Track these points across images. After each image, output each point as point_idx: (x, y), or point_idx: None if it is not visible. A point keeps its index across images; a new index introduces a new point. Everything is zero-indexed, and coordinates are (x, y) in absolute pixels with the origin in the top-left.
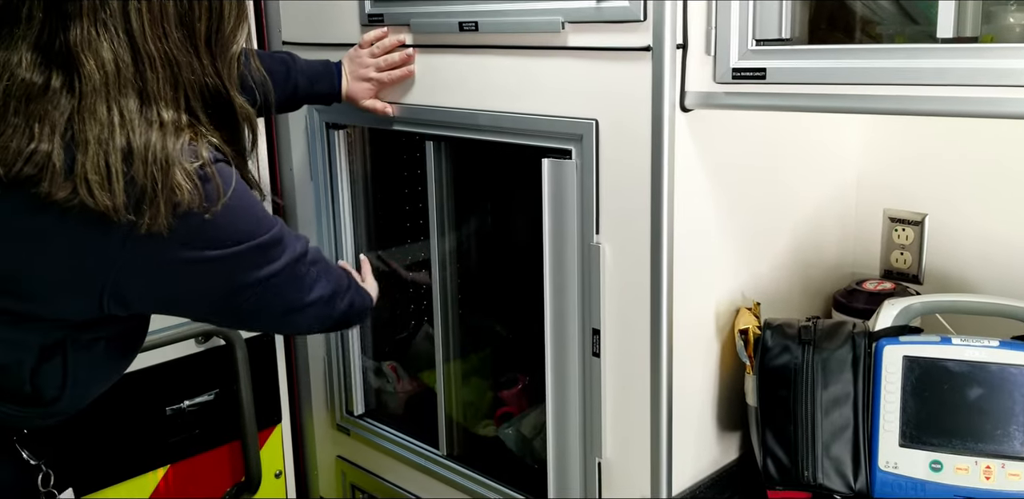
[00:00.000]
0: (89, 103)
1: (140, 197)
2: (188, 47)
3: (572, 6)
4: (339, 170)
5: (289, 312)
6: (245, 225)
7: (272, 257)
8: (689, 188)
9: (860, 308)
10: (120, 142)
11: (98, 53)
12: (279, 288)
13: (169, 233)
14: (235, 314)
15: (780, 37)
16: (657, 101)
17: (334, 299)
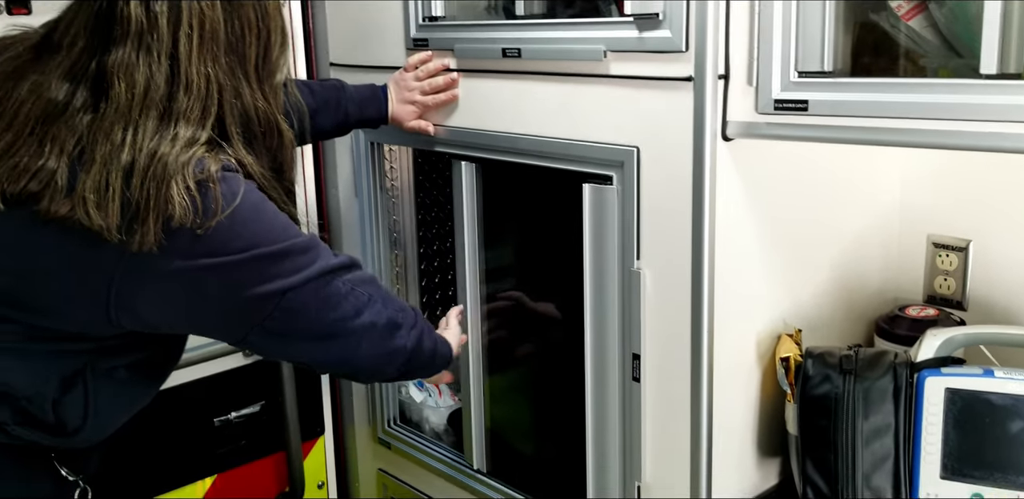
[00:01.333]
0: (107, 124)
1: (133, 216)
2: (238, 72)
3: (614, 35)
4: (384, 188)
5: (328, 337)
6: (251, 234)
7: (288, 269)
8: (730, 215)
9: (903, 335)
10: (124, 160)
11: (132, 76)
12: (303, 305)
13: (161, 249)
14: (267, 336)
15: (822, 69)
16: (698, 130)
17: (393, 331)
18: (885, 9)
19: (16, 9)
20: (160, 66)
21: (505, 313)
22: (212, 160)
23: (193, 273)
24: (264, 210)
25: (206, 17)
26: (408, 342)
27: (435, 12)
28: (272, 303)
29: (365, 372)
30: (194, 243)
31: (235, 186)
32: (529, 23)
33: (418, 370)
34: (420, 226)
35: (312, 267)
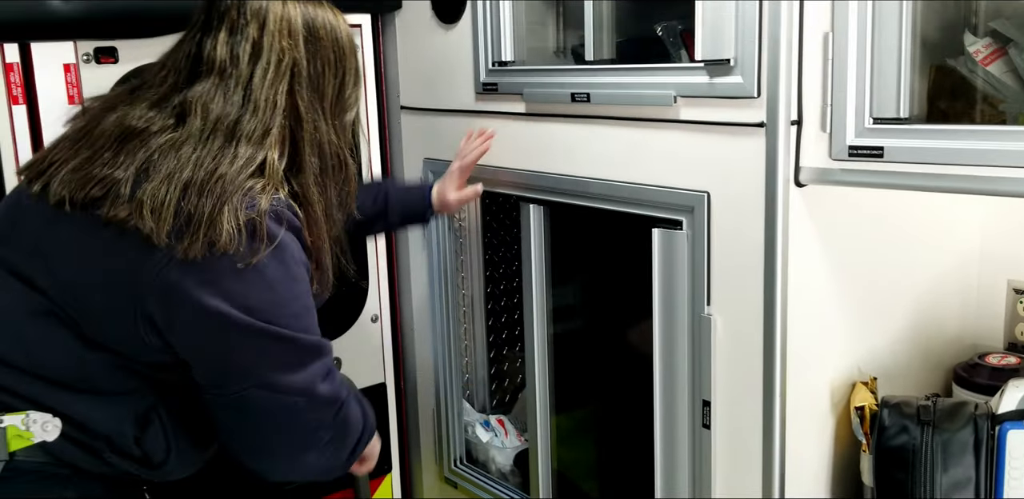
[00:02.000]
0: (178, 143)
1: (184, 224)
2: (316, 107)
3: (685, 81)
4: (452, 229)
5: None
6: (270, 302)
7: (284, 362)
8: (803, 261)
9: (983, 384)
10: (186, 175)
11: (207, 107)
12: (268, 406)
13: (199, 264)
14: (222, 404)
15: (898, 116)
16: (771, 176)
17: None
18: (963, 54)
19: (104, 58)
20: (234, 95)
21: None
22: (265, 196)
23: (203, 308)
24: (293, 289)
25: (286, 55)
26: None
27: (505, 57)
28: (244, 383)
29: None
30: (224, 277)
31: (276, 230)
32: (598, 68)
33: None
34: (487, 266)
35: (300, 376)
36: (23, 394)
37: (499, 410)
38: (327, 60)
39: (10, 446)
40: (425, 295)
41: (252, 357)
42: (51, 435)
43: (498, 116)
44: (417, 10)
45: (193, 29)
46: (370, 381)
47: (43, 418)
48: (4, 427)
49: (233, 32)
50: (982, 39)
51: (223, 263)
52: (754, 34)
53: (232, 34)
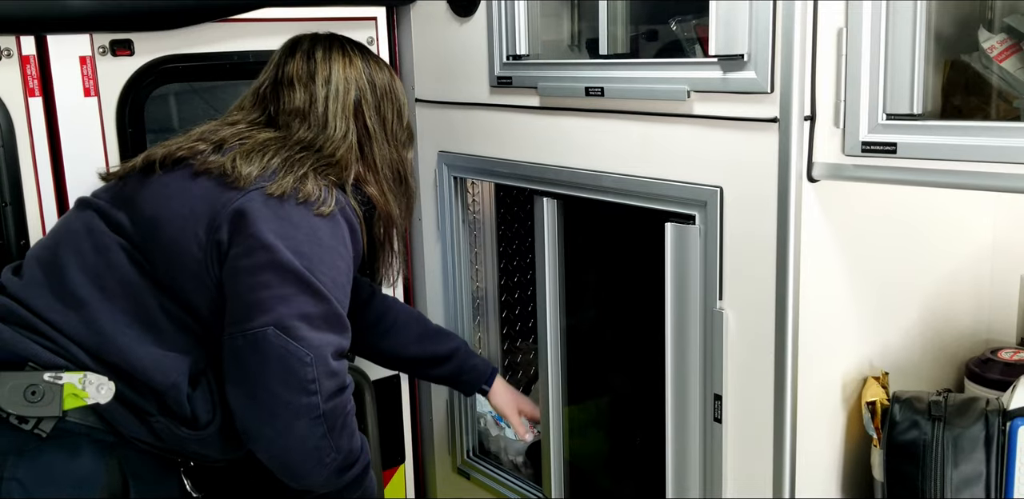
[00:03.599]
0: (259, 130)
1: (274, 172)
2: (379, 130)
3: (698, 76)
4: (466, 221)
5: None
6: (318, 256)
7: (308, 315)
8: (815, 256)
9: (995, 379)
10: (273, 147)
11: (287, 124)
12: (267, 344)
13: (277, 202)
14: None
15: (912, 112)
16: (783, 171)
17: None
18: (978, 49)
19: (120, 51)
20: (313, 123)
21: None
22: (332, 191)
23: (264, 239)
24: (339, 260)
25: (352, 93)
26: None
27: (519, 50)
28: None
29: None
30: (289, 222)
31: (336, 208)
32: (612, 63)
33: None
34: (501, 258)
35: (317, 335)
36: (88, 344)
37: None
38: (386, 96)
39: (64, 404)
40: (439, 287)
41: (283, 297)
42: (104, 397)
43: (512, 109)
44: (432, 3)
45: (273, 70)
46: (384, 373)
47: (99, 380)
48: (62, 384)
49: (313, 77)
50: (997, 35)
51: (293, 210)
52: (768, 29)
53: (312, 78)
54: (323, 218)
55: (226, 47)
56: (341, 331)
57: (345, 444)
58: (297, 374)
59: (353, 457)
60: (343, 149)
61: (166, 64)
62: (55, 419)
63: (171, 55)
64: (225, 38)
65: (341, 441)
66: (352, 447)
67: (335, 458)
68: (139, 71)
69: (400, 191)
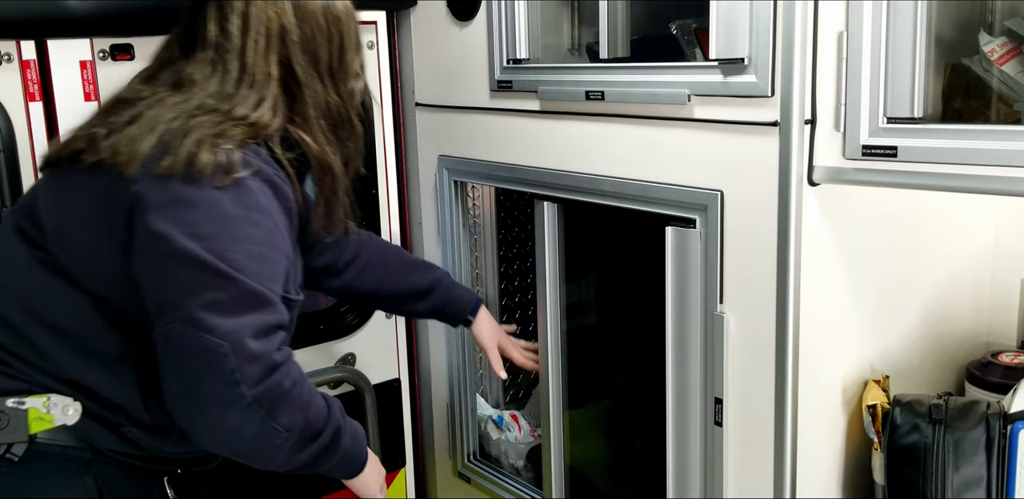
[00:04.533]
0: (167, 103)
1: (161, 152)
2: (311, 71)
3: (699, 79)
4: (466, 226)
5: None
6: (220, 235)
7: (215, 301)
8: (816, 260)
9: (996, 382)
10: (167, 116)
11: (200, 78)
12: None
13: (165, 184)
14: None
15: (912, 116)
16: (784, 175)
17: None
18: (978, 53)
19: (120, 55)
20: (230, 68)
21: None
22: (233, 141)
23: (155, 229)
24: (247, 219)
25: (274, 24)
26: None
27: (520, 55)
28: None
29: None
30: (181, 204)
31: (242, 172)
32: (612, 66)
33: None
34: (501, 262)
35: (229, 321)
36: (40, 365)
37: (513, 405)
38: (317, 25)
39: (31, 428)
40: None
41: (187, 288)
42: (71, 419)
43: (513, 113)
44: (432, 7)
45: (184, 11)
46: (384, 377)
47: (64, 402)
48: (26, 409)
49: (222, 9)
50: (997, 38)
51: (186, 189)
52: (768, 33)
53: (221, 10)
54: (225, 189)
55: None
56: (262, 307)
57: (296, 421)
58: (215, 366)
59: (313, 430)
60: (257, 101)
61: None
62: (24, 443)
63: None
64: None
65: (287, 420)
66: (309, 420)
67: (287, 437)
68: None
69: (343, 135)
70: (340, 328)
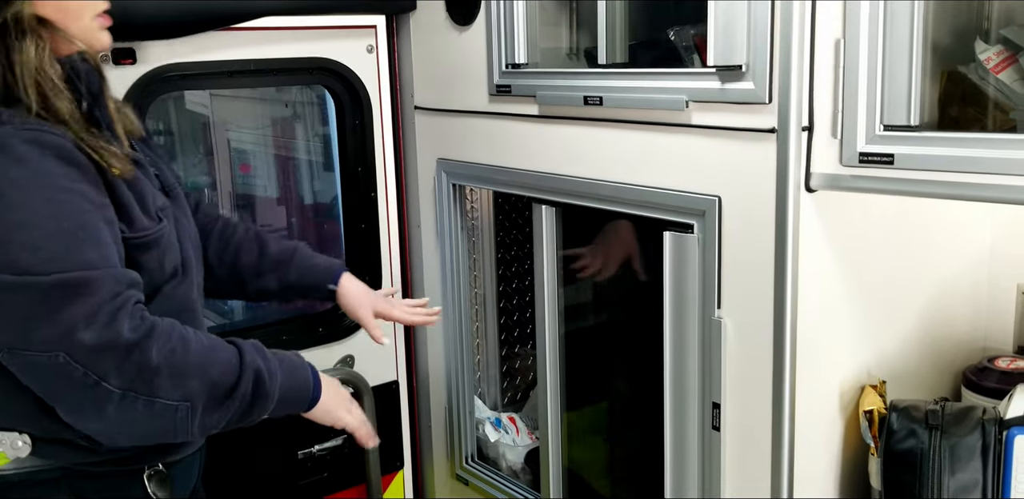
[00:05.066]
0: None
1: None
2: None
3: (697, 86)
4: (465, 228)
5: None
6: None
7: (19, 317)
8: (813, 265)
9: (992, 387)
10: None
11: None
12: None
13: None
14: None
15: (908, 124)
16: (782, 181)
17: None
18: (974, 61)
19: (123, 59)
20: None
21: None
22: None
23: None
24: (36, 197)
25: None
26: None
27: (518, 59)
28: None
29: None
30: None
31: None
32: (611, 72)
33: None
34: (499, 265)
35: (47, 330)
36: None
37: (510, 408)
38: None
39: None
40: (438, 293)
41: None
42: (23, 451)
43: (511, 117)
44: (431, 11)
45: None
46: (383, 379)
47: (10, 437)
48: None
49: None
50: (994, 47)
51: None
52: (766, 40)
53: None
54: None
55: (227, 55)
56: (79, 293)
57: (193, 388)
58: (63, 376)
59: (223, 387)
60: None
61: (168, 72)
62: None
63: (173, 63)
64: (226, 46)
65: (179, 392)
66: (212, 380)
67: (190, 407)
68: (141, 79)
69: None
70: (339, 330)
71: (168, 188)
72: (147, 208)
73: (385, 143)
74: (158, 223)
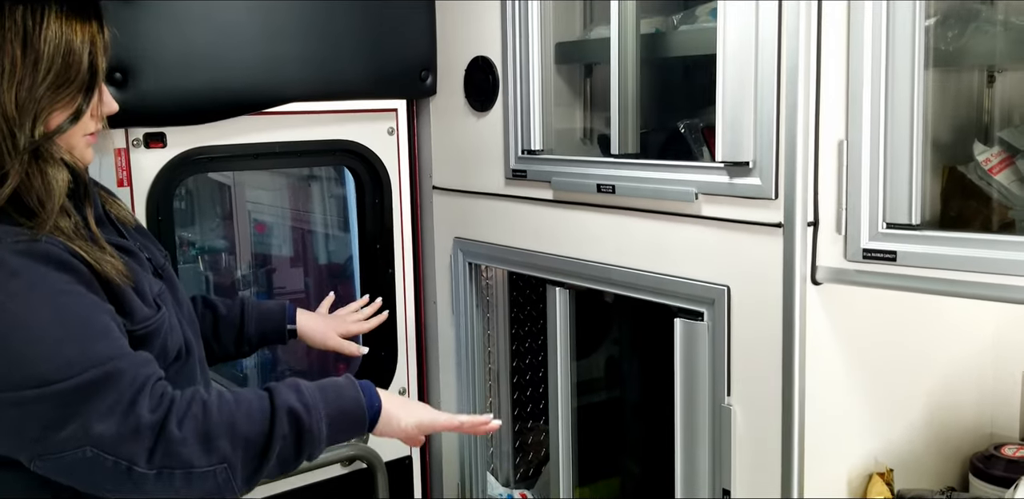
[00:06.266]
0: None
1: None
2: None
3: (706, 179)
4: (480, 305)
5: None
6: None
7: (39, 427)
8: (820, 355)
9: (999, 475)
10: None
11: None
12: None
13: None
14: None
15: (910, 222)
16: (788, 274)
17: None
18: (973, 160)
19: (153, 143)
20: None
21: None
22: None
23: None
24: (34, 304)
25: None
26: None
27: (534, 146)
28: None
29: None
30: None
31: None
32: (623, 162)
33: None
34: (513, 340)
35: (67, 431)
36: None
37: (523, 484)
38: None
39: None
40: (452, 367)
41: (16, 422)
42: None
43: (527, 201)
44: (451, 97)
45: None
46: (396, 454)
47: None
48: None
49: None
50: (992, 148)
51: None
52: (772, 139)
53: None
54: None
55: (254, 138)
56: (97, 392)
57: (225, 448)
58: (97, 469)
59: (259, 439)
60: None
61: (196, 155)
62: None
63: (201, 147)
64: (252, 130)
65: (213, 456)
66: (244, 436)
67: (229, 467)
68: (171, 162)
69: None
70: None
71: (160, 269)
72: (145, 297)
73: (403, 221)
74: (157, 311)
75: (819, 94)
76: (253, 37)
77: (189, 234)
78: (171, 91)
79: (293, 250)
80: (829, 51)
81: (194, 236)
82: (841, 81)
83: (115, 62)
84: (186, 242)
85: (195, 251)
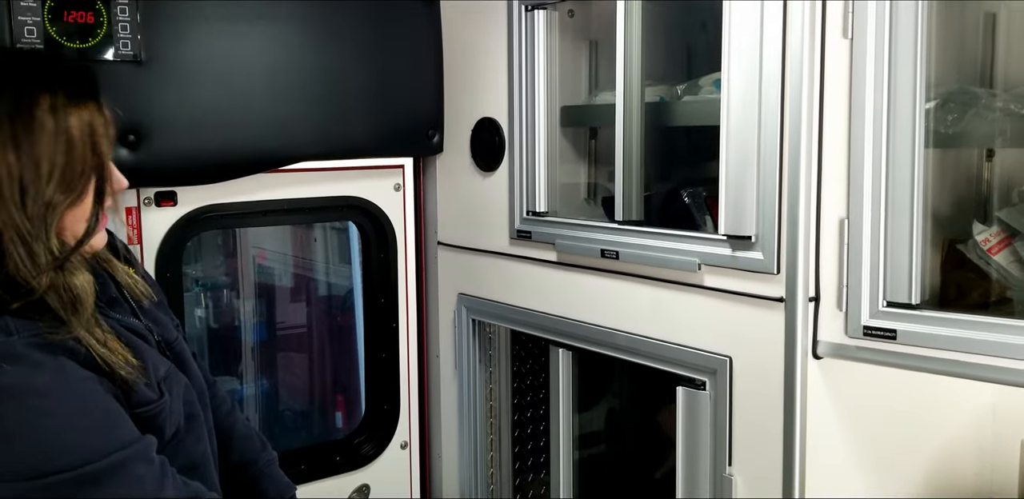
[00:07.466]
0: None
1: None
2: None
3: (709, 250)
4: (482, 360)
5: None
6: (16, 462)
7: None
8: (820, 426)
9: None
10: None
11: None
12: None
13: None
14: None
15: (910, 302)
16: (790, 347)
17: None
18: (972, 239)
19: (164, 202)
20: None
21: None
22: None
23: None
24: (44, 411)
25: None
26: None
27: (539, 207)
28: None
29: None
30: None
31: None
32: (628, 229)
33: None
34: (515, 394)
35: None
36: None
37: None
38: None
39: None
40: (454, 422)
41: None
42: None
43: (531, 261)
44: (457, 155)
45: None
46: None
47: None
48: None
49: None
50: (990, 228)
51: None
52: (774, 215)
53: None
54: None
55: (263, 195)
56: (132, 466)
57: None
58: None
59: None
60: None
61: (206, 213)
62: None
63: (211, 204)
64: (262, 187)
65: None
66: None
67: None
68: (181, 220)
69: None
70: (356, 459)
71: (169, 346)
72: (150, 382)
73: (408, 276)
74: (160, 397)
75: (820, 171)
76: (263, 98)
77: (193, 271)
78: (182, 151)
79: (294, 282)
80: (831, 130)
81: (196, 273)
82: (842, 159)
83: (127, 124)
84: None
85: (198, 288)
